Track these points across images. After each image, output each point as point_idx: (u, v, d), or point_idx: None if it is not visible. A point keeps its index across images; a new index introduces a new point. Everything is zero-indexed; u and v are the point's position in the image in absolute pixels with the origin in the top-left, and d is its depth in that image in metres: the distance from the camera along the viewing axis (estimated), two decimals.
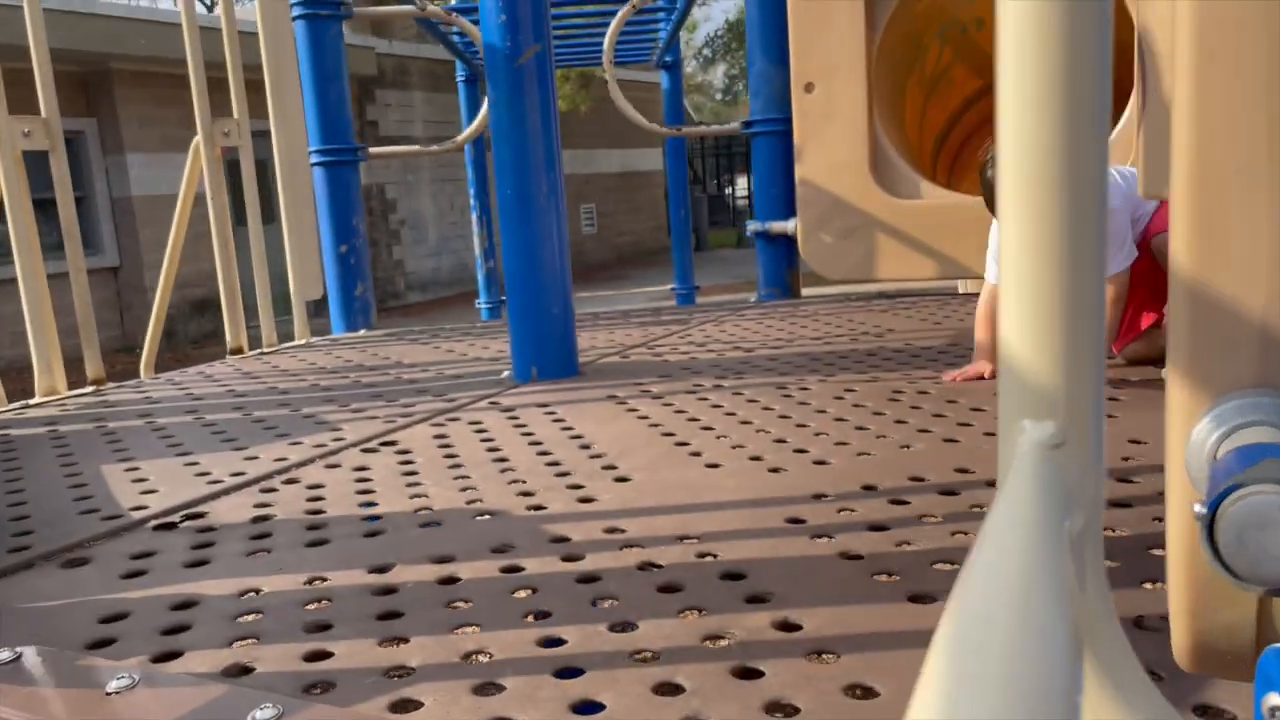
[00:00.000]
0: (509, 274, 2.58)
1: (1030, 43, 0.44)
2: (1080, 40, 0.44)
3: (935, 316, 3.25)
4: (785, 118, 3.90)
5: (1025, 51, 0.45)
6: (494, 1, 2.43)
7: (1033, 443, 0.45)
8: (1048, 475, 0.43)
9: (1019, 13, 0.45)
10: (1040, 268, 0.44)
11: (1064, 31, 0.44)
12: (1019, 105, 0.45)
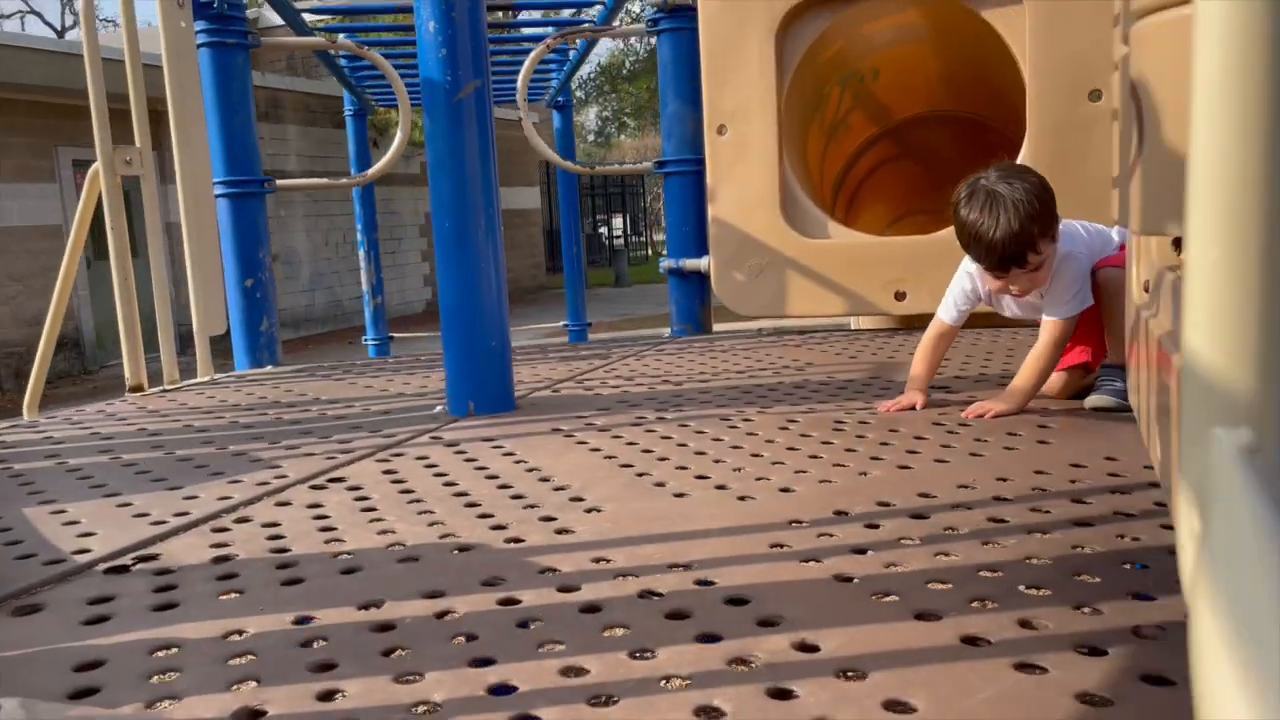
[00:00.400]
0: (445, 307, 2.56)
1: (1231, 62, 0.49)
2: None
3: (849, 351, 3.36)
4: (697, 158, 4.00)
5: (1224, 67, 0.49)
6: (434, 37, 2.42)
7: (1231, 450, 0.48)
8: (1255, 481, 0.47)
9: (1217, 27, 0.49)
10: (1232, 275, 0.48)
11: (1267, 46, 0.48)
12: (1213, 117, 0.49)
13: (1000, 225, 2.12)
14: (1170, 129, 1.02)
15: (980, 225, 2.15)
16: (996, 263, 2.19)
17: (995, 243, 2.14)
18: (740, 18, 3.65)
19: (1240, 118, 0.47)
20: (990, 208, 2.15)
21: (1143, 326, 1.63)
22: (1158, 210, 1.05)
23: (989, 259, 2.20)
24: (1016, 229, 2.11)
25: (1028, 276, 2.23)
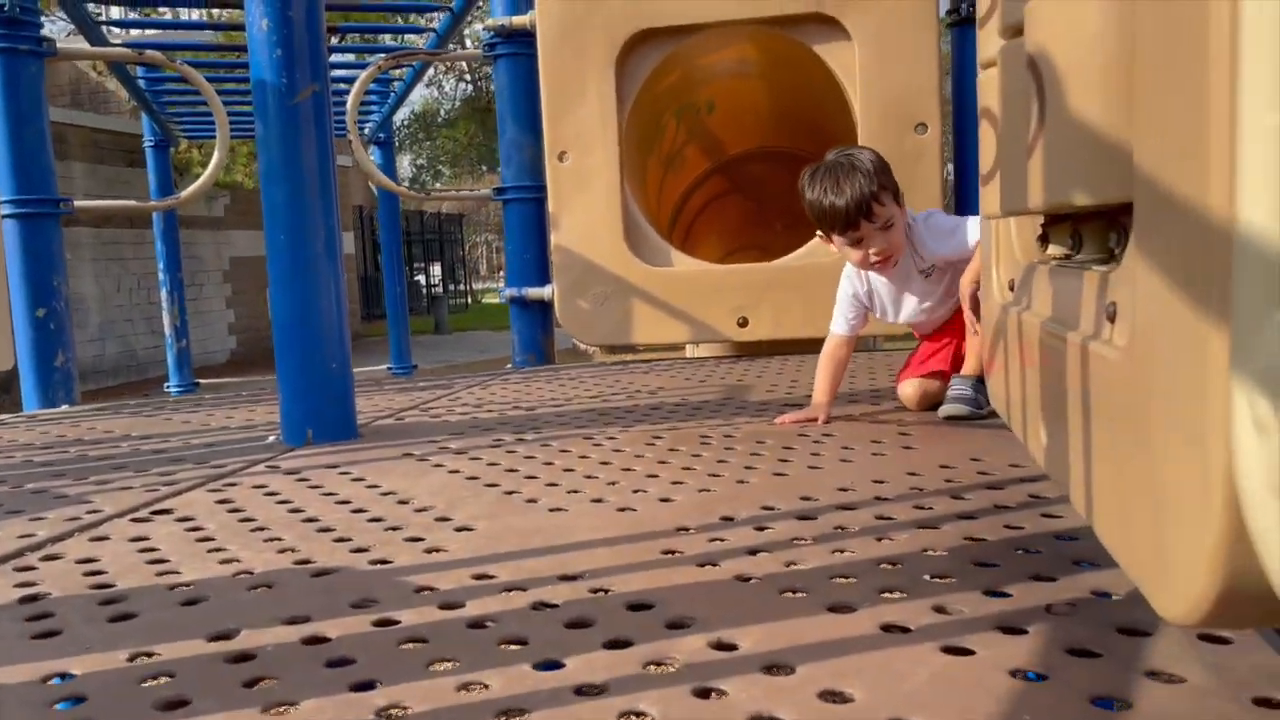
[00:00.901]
0: (279, 329, 2.36)
1: None
2: None
3: (697, 376, 3.35)
4: (538, 185, 3.94)
5: None
6: (268, 35, 2.25)
7: None
8: None
9: None
10: None
11: None
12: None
13: (841, 182, 2.28)
14: (1074, 98, 1.03)
15: (825, 190, 2.30)
16: (845, 220, 2.29)
17: (840, 200, 2.27)
18: (580, 45, 3.63)
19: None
20: (830, 174, 2.31)
21: (1011, 324, 1.66)
22: (1064, 180, 1.05)
23: (839, 219, 2.30)
24: (858, 182, 2.27)
25: (883, 235, 2.33)
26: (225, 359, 16.95)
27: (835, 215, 2.30)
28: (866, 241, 2.34)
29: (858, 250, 2.36)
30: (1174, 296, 0.78)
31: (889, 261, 2.39)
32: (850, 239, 2.34)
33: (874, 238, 2.33)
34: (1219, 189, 0.66)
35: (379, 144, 7.76)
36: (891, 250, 2.37)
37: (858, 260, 2.40)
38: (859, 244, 2.35)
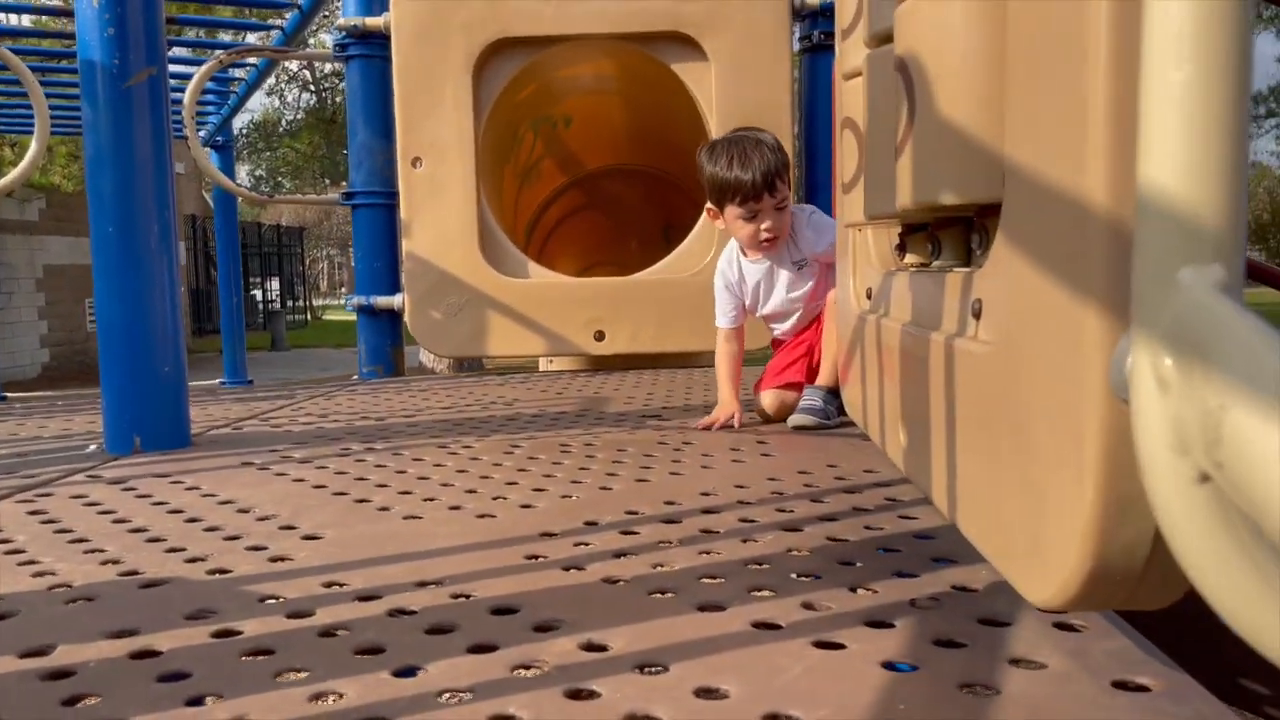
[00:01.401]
0: (104, 327, 2.18)
1: None
2: None
3: (554, 388, 3.31)
4: (389, 191, 3.82)
5: None
6: (99, 12, 2.09)
7: (1208, 288, 0.45)
8: (1246, 313, 0.44)
9: None
10: (1201, 97, 0.45)
11: None
12: None
13: (749, 154, 2.33)
14: (944, 99, 1.06)
15: (731, 161, 2.34)
16: (751, 190, 2.33)
17: (746, 173, 2.32)
18: (436, 50, 3.55)
19: None
20: (736, 146, 2.37)
21: (870, 331, 1.70)
22: (933, 181, 1.08)
23: (744, 189, 2.34)
24: (765, 155, 2.33)
25: (778, 214, 2.38)
26: (36, 373, 15.73)
27: (740, 186, 2.33)
28: (762, 217, 2.37)
29: (750, 224, 2.39)
30: (1048, 283, 0.79)
31: (776, 243, 2.44)
32: (749, 211, 2.37)
33: (769, 214, 2.38)
34: (1098, 168, 0.68)
35: (217, 148, 7.39)
36: (779, 232, 2.42)
37: (747, 236, 2.42)
38: (754, 218, 2.38)
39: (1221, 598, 0.46)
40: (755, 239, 2.43)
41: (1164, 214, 0.46)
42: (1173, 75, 0.46)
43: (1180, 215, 0.46)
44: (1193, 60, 0.45)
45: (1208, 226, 0.46)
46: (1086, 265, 0.70)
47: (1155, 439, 0.48)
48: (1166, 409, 0.47)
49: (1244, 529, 0.44)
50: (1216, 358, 0.42)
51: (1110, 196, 0.66)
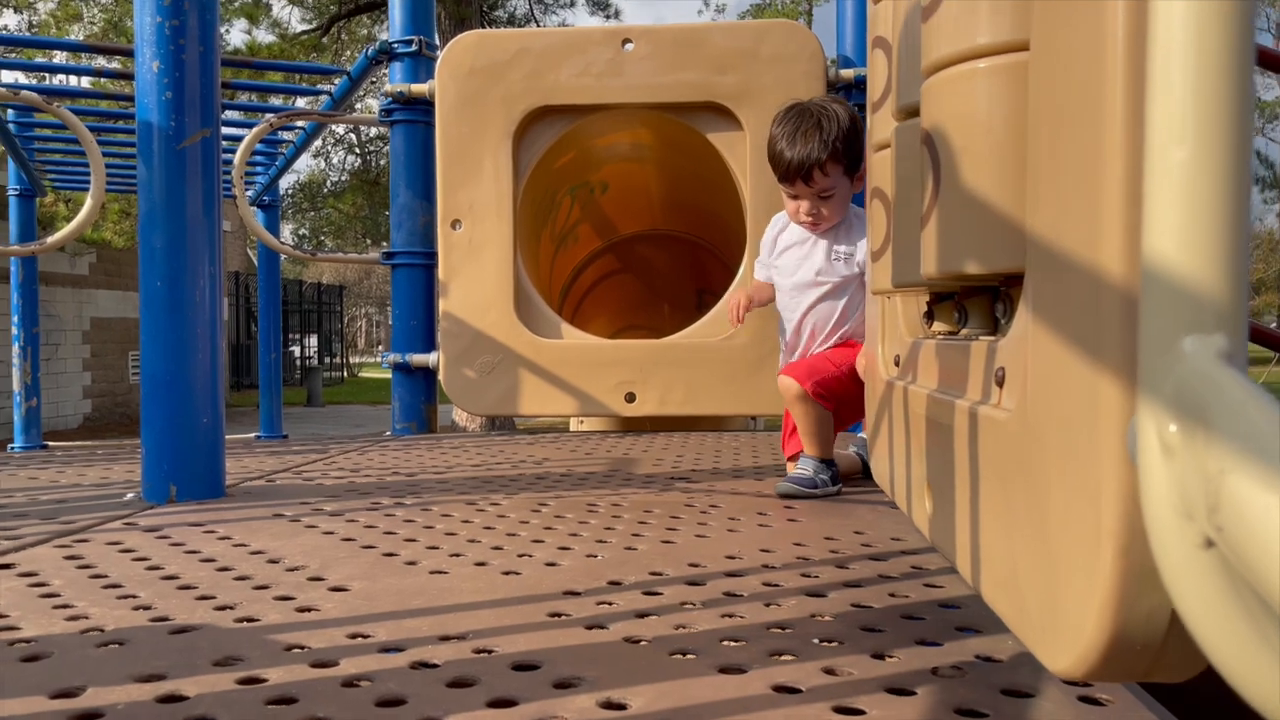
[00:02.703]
0: (148, 378, 2.24)
1: None
2: None
3: (583, 448, 3.32)
4: (428, 251, 3.90)
5: None
6: (158, 76, 2.19)
7: (1211, 357, 0.46)
8: (1249, 383, 0.45)
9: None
10: (1201, 173, 0.47)
11: None
12: (1175, 13, 0.48)
13: (798, 137, 2.29)
14: (968, 171, 1.08)
15: (783, 135, 2.32)
16: (784, 173, 2.33)
17: (788, 153, 2.29)
18: (477, 117, 3.65)
19: (1209, 17, 0.47)
20: (797, 121, 2.32)
21: (897, 397, 1.70)
22: (957, 250, 1.10)
23: (779, 168, 2.34)
24: (812, 144, 2.28)
25: (820, 202, 2.36)
26: (78, 424, 16.01)
27: (777, 164, 2.34)
28: (800, 199, 2.38)
29: (791, 203, 2.42)
30: (1066, 351, 0.81)
31: (818, 227, 2.43)
32: (786, 190, 2.40)
33: (809, 199, 2.36)
34: (1112, 244, 0.70)
35: (263, 207, 7.58)
36: (822, 221, 2.40)
37: (790, 211, 2.45)
38: (793, 198, 2.40)
39: (1230, 666, 0.47)
40: (796, 216, 2.44)
41: (1167, 285, 0.48)
42: (1175, 153, 0.48)
43: (1183, 286, 0.48)
44: (1194, 138, 0.47)
45: (1210, 297, 0.47)
46: (1103, 334, 0.71)
47: (1161, 504, 0.49)
48: (1171, 474, 0.48)
49: (1250, 595, 0.45)
50: (1217, 424, 0.43)
51: (1125, 268, 0.68)
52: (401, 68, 4.05)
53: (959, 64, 1.11)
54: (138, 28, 2.23)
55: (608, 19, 15.68)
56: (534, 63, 3.64)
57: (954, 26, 1.13)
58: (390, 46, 4.05)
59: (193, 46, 2.22)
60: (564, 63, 3.64)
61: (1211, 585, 0.46)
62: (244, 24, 13.62)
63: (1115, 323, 0.66)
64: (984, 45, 1.08)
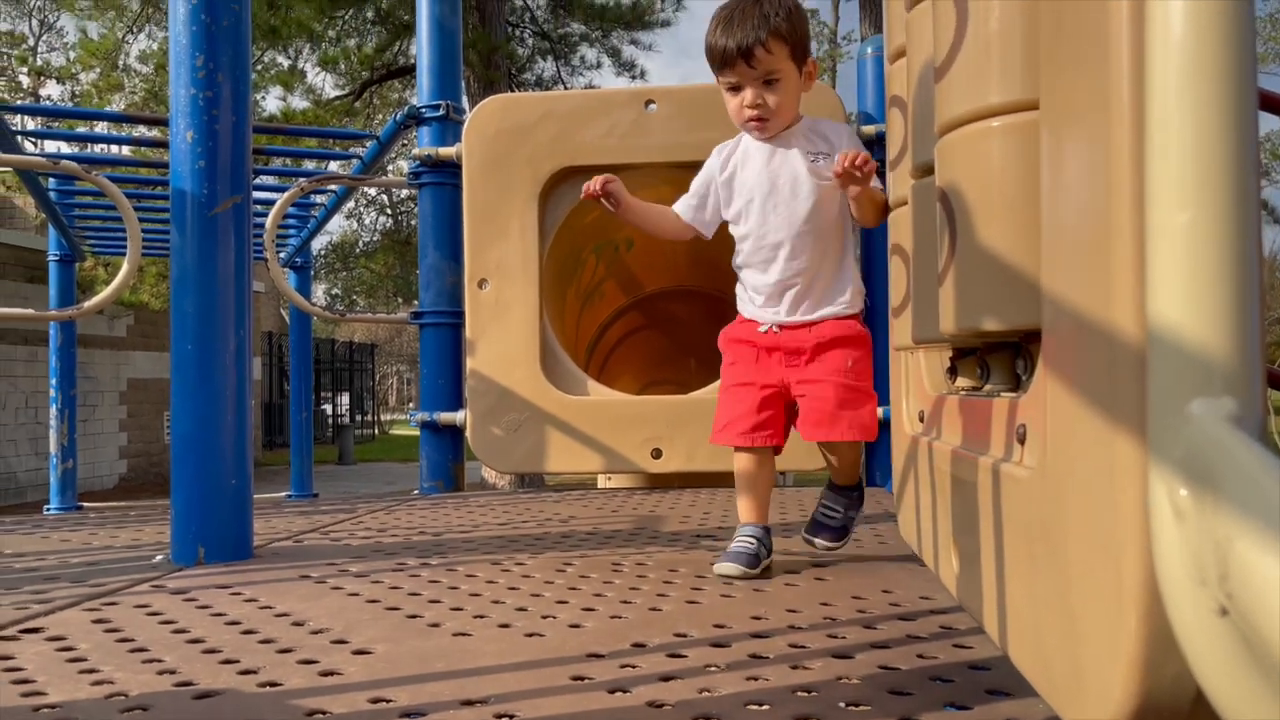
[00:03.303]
0: (178, 439, 2.27)
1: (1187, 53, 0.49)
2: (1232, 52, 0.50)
3: (609, 506, 3.31)
4: (455, 310, 3.94)
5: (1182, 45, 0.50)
6: (191, 146, 2.25)
7: (1219, 421, 0.46)
8: (1258, 447, 0.44)
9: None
10: (1204, 238, 0.47)
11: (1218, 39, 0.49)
12: (1177, 83, 0.49)
13: (734, 16, 2.00)
14: (982, 229, 1.08)
15: (717, 24, 2.03)
16: (720, 58, 2.01)
17: (722, 40, 2.00)
18: (504, 177, 3.71)
19: (1205, 80, 0.48)
20: (732, 5, 2.03)
21: (922, 453, 1.69)
22: (975, 307, 1.10)
23: (715, 54, 2.02)
24: (750, 23, 1.98)
25: (759, 89, 2.01)
26: (113, 484, 16.18)
27: (713, 54, 2.03)
28: (743, 88, 2.03)
29: (732, 99, 2.06)
30: (1084, 409, 0.80)
31: (766, 125, 2.05)
32: (724, 82, 2.05)
33: (753, 87, 2.02)
34: (1124, 302, 0.70)
35: (295, 268, 7.70)
36: (770, 116, 2.04)
37: (733, 111, 2.08)
38: (734, 90, 2.04)
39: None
40: (740, 115, 2.07)
41: (1173, 348, 0.48)
42: (1176, 217, 0.48)
43: (1189, 350, 0.47)
44: (1195, 204, 0.48)
45: (1217, 360, 0.47)
46: (1118, 394, 0.71)
47: (1176, 569, 0.48)
48: (1184, 539, 0.47)
49: (1269, 663, 0.44)
50: (1225, 489, 0.43)
51: (1138, 327, 0.67)
52: (429, 131, 4.13)
53: (972, 123, 1.12)
54: (173, 99, 2.30)
55: (633, 80, 15.93)
56: (559, 125, 3.70)
57: (966, 86, 1.15)
58: (418, 111, 4.14)
59: (226, 116, 2.28)
60: (588, 124, 3.70)
61: (1228, 652, 0.45)
62: (279, 90, 14.00)
63: (1130, 382, 0.66)
64: (995, 105, 1.09)
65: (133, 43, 13.79)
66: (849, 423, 2.02)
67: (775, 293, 2.09)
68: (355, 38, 14.37)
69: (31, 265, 13.39)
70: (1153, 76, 0.51)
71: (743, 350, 2.13)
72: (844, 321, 2.05)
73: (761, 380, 2.09)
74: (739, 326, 2.17)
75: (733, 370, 2.15)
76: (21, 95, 21.19)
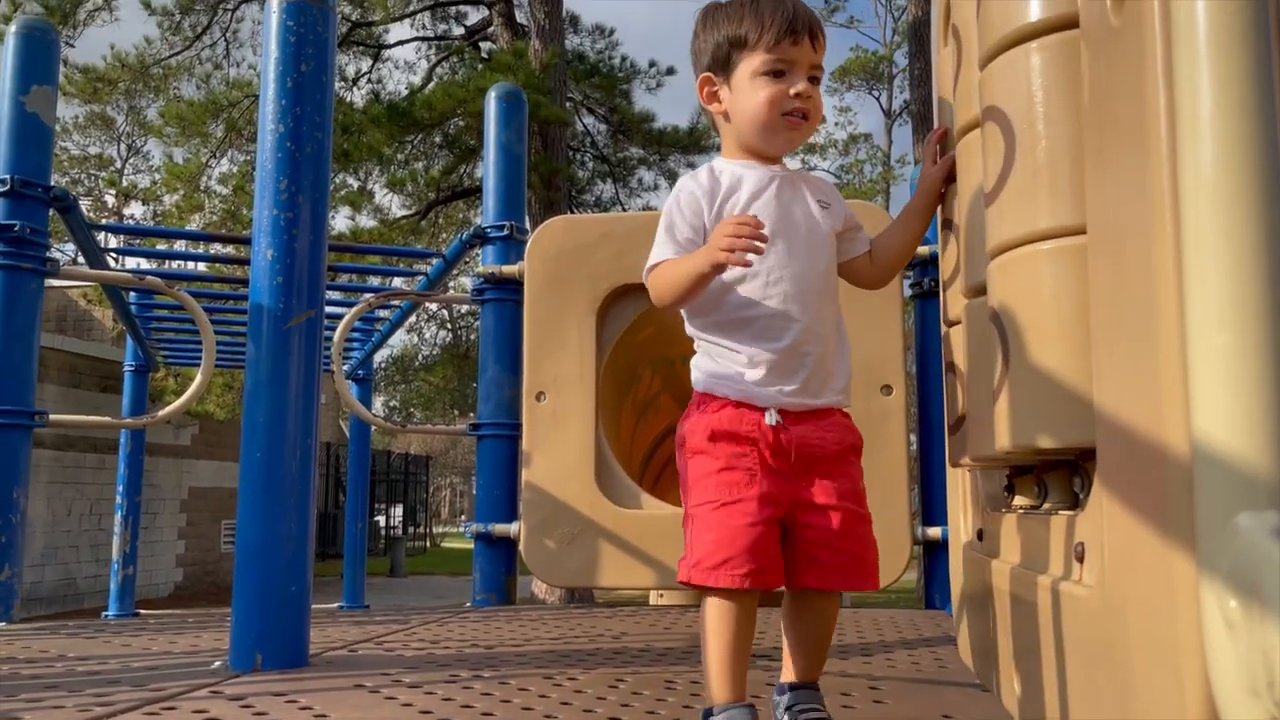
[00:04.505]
0: (242, 546, 2.32)
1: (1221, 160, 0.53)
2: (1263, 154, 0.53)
3: (662, 623, 3.27)
4: (513, 422, 4.01)
5: (1214, 163, 0.53)
6: (271, 264, 2.37)
7: (1265, 534, 0.47)
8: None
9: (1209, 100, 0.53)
10: (1243, 357, 0.49)
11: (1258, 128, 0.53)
12: (1212, 203, 0.52)
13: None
14: (1035, 348, 1.11)
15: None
16: (787, 23, 1.57)
17: (783, 5, 1.60)
18: (563, 294, 3.82)
19: (1240, 200, 0.51)
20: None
21: (982, 572, 1.67)
22: (1029, 425, 1.11)
23: (771, 17, 1.58)
24: (802, 6, 1.62)
25: (809, 84, 1.60)
26: (169, 591, 16.32)
27: (769, 20, 1.57)
28: (794, 76, 1.58)
29: (775, 86, 1.58)
30: (1140, 527, 0.81)
31: (804, 127, 1.62)
32: (778, 61, 1.57)
33: (804, 80, 1.59)
34: (1174, 420, 0.72)
35: (358, 380, 7.90)
36: (814, 115, 1.62)
37: (767, 103, 1.58)
38: (782, 77, 1.58)
39: None
40: (776, 109, 1.58)
41: (1218, 464, 0.50)
42: (1216, 339, 0.51)
43: (1233, 465, 0.50)
44: (1233, 326, 0.50)
45: (1261, 476, 0.49)
46: (1170, 509, 0.72)
47: (1229, 680, 0.49)
48: (1236, 650, 0.48)
49: None
50: (1271, 600, 0.44)
51: (1187, 445, 0.69)
52: (493, 250, 4.28)
53: (1022, 246, 1.16)
54: (256, 219, 2.43)
55: None
56: (617, 245, 3.82)
57: (1016, 211, 1.19)
58: (484, 231, 4.30)
59: (304, 236, 2.41)
60: (644, 244, 3.75)
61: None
62: (347, 210, 14.60)
63: (1181, 499, 0.67)
64: (1045, 229, 1.13)
65: (215, 166, 14.53)
66: (874, 567, 1.60)
67: (785, 364, 1.57)
68: (423, 160, 15.01)
69: (106, 375, 13.86)
70: (1185, 205, 0.55)
71: (738, 451, 1.55)
72: (850, 420, 1.66)
73: (768, 497, 1.53)
74: (725, 414, 1.57)
75: (723, 480, 1.54)
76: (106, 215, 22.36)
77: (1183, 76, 0.62)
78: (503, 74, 11.80)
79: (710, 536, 1.52)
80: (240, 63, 15.86)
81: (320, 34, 2.48)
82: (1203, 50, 0.60)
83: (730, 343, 1.60)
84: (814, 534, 1.56)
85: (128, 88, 15.62)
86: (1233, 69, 0.59)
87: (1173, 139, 0.66)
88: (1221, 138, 0.56)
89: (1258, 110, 0.59)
